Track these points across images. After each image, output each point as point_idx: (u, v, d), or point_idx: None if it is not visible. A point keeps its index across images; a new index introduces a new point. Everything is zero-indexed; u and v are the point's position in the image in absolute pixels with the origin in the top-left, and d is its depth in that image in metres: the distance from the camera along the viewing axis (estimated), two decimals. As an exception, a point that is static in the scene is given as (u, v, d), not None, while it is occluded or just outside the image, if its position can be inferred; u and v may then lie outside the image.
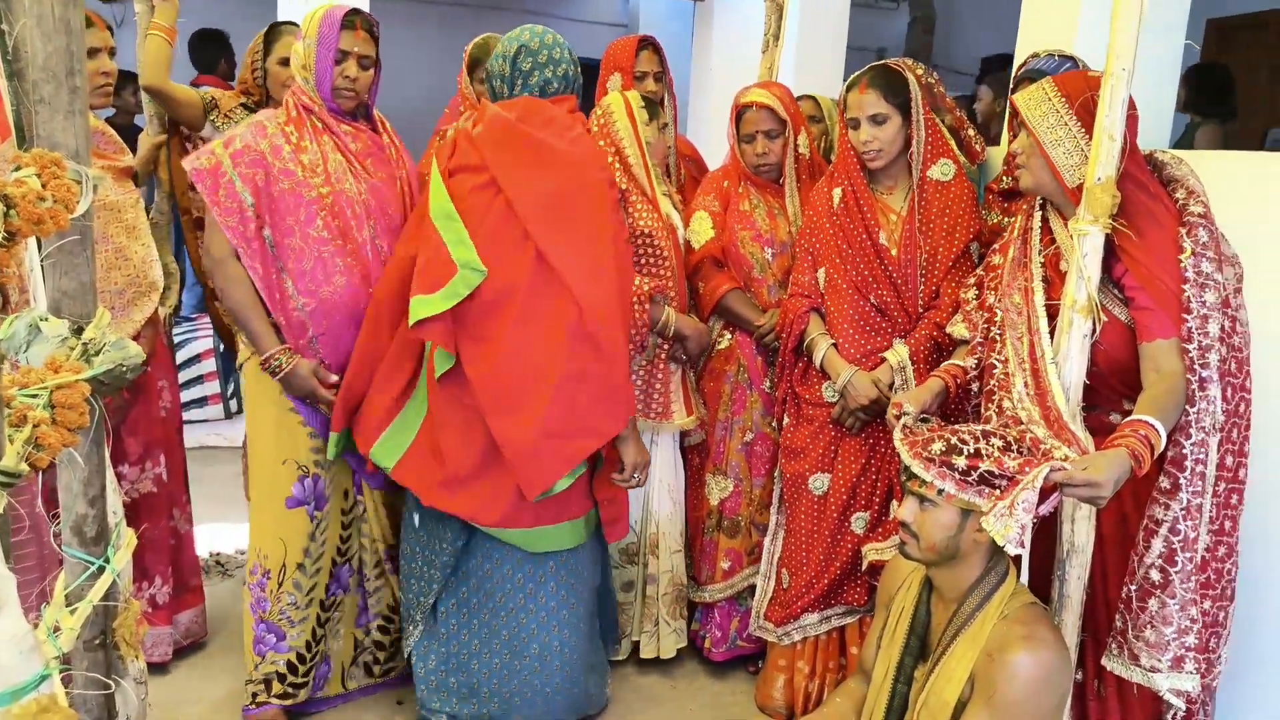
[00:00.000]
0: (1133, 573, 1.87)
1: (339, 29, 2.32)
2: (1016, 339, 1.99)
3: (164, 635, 2.74)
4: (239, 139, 2.31)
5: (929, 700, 1.81)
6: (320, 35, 2.31)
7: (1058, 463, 1.69)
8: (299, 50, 2.36)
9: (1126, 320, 1.90)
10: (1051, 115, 1.91)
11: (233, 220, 2.26)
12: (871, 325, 2.51)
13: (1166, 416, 1.76)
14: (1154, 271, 1.85)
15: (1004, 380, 1.99)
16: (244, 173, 2.27)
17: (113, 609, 1.41)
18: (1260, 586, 2.28)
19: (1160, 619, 1.83)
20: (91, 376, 1.27)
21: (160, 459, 2.70)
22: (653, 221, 2.69)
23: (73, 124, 1.24)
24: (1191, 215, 1.86)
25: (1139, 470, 1.68)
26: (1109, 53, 1.81)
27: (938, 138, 2.50)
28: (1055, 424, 1.84)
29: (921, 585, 1.93)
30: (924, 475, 1.76)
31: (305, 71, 2.35)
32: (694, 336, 2.74)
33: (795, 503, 2.65)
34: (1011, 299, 2.04)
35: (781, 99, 2.73)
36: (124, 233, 2.49)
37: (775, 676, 2.72)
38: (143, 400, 2.65)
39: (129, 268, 2.49)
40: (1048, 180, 1.95)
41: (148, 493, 2.68)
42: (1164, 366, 1.82)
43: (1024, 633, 1.73)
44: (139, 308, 2.52)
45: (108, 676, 1.40)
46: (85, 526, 1.36)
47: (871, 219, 2.49)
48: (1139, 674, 1.86)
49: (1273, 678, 2.35)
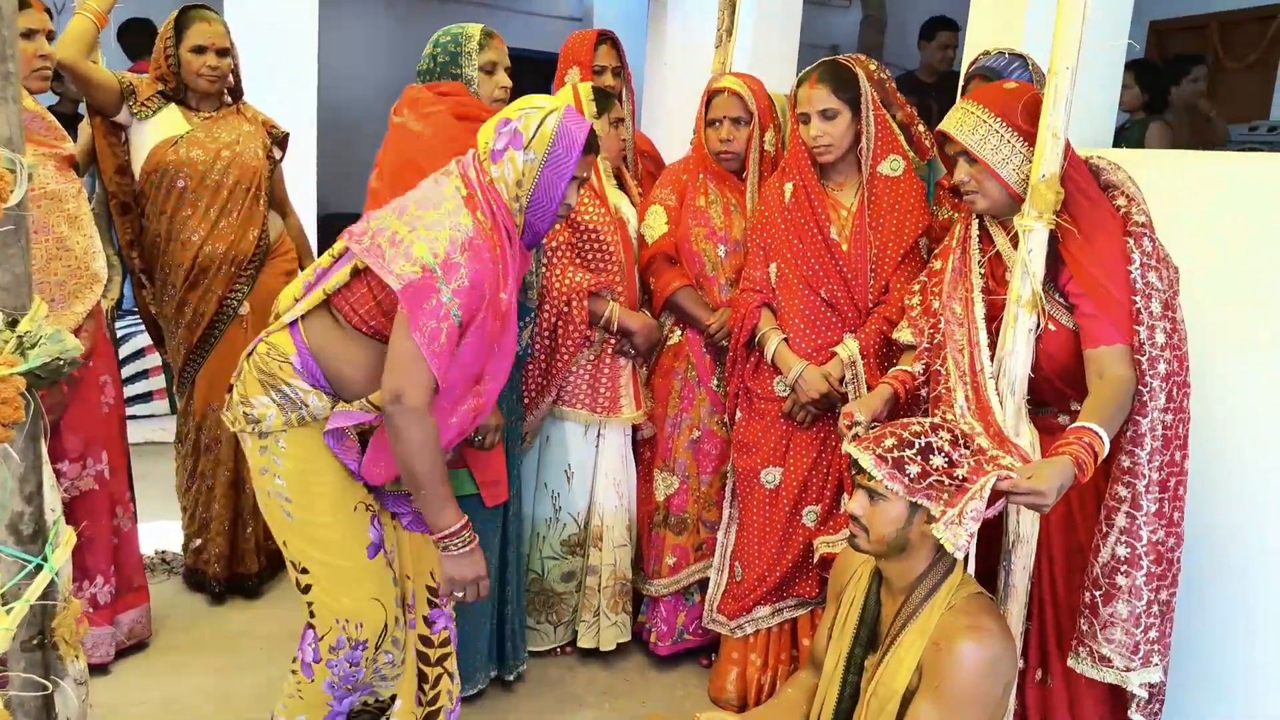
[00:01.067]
0: (1095, 578, 1.91)
1: (580, 152, 1.97)
2: (957, 351, 2.03)
3: (105, 636, 2.68)
4: (465, 275, 1.86)
5: (878, 690, 1.83)
6: (552, 156, 1.95)
7: (1004, 472, 1.73)
8: (515, 162, 1.95)
9: (1071, 326, 1.94)
10: (992, 136, 1.93)
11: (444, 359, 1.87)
12: (822, 320, 2.53)
13: (1111, 423, 1.80)
14: (1098, 279, 1.88)
15: (943, 395, 2.03)
16: (464, 306, 1.89)
17: (51, 608, 1.38)
18: (1205, 575, 2.34)
19: (1131, 620, 1.89)
20: (27, 370, 1.24)
21: (102, 456, 2.64)
22: (599, 216, 2.69)
23: (4, 111, 1.21)
24: (1135, 225, 1.90)
25: (1082, 477, 1.72)
26: (1053, 52, 1.84)
27: (887, 133, 2.53)
28: (997, 438, 1.89)
29: (871, 577, 1.96)
30: (875, 473, 1.78)
31: (520, 189, 1.97)
32: (640, 332, 2.74)
33: (747, 496, 2.66)
34: (952, 309, 2.07)
35: (754, 90, 2.75)
36: (65, 222, 2.42)
37: (728, 669, 2.74)
38: (83, 395, 2.58)
39: (70, 259, 2.42)
40: (1003, 198, 1.97)
41: (89, 490, 2.61)
42: (1107, 372, 1.86)
43: (969, 623, 1.76)
44: (80, 300, 2.44)
45: (46, 677, 1.37)
46: (21, 524, 1.33)
47: (822, 214, 2.51)
48: (1112, 675, 1.92)
49: (1218, 664, 2.42)
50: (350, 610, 2.00)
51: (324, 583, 2.01)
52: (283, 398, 1.95)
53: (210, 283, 2.94)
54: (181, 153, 2.87)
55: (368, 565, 2.02)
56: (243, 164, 2.94)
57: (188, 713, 2.54)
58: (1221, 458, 2.37)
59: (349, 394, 1.97)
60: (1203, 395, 2.07)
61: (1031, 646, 2.07)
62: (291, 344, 1.98)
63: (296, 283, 2.10)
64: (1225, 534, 2.39)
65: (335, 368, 1.97)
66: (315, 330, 1.99)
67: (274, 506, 2.01)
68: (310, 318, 1.99)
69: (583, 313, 2.65)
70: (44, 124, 2.45)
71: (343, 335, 1.98)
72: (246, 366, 2.02)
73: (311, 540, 2.00)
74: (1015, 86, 2.02)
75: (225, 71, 2.93)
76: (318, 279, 2.04)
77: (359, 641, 2.01)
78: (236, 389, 2.02)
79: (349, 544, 2.01)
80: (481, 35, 2.51)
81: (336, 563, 2.00)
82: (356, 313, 1.96)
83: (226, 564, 3.12)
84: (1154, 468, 1.87)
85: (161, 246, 2.93)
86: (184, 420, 3.10)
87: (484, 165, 1.98)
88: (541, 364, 2.72)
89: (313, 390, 1.96)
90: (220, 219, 2.92)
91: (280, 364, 1.96)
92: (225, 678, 2.71)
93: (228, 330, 3.00)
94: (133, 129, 2.91)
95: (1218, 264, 2.32)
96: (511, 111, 1.99)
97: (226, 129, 2.97)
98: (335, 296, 1.98)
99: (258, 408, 1.96)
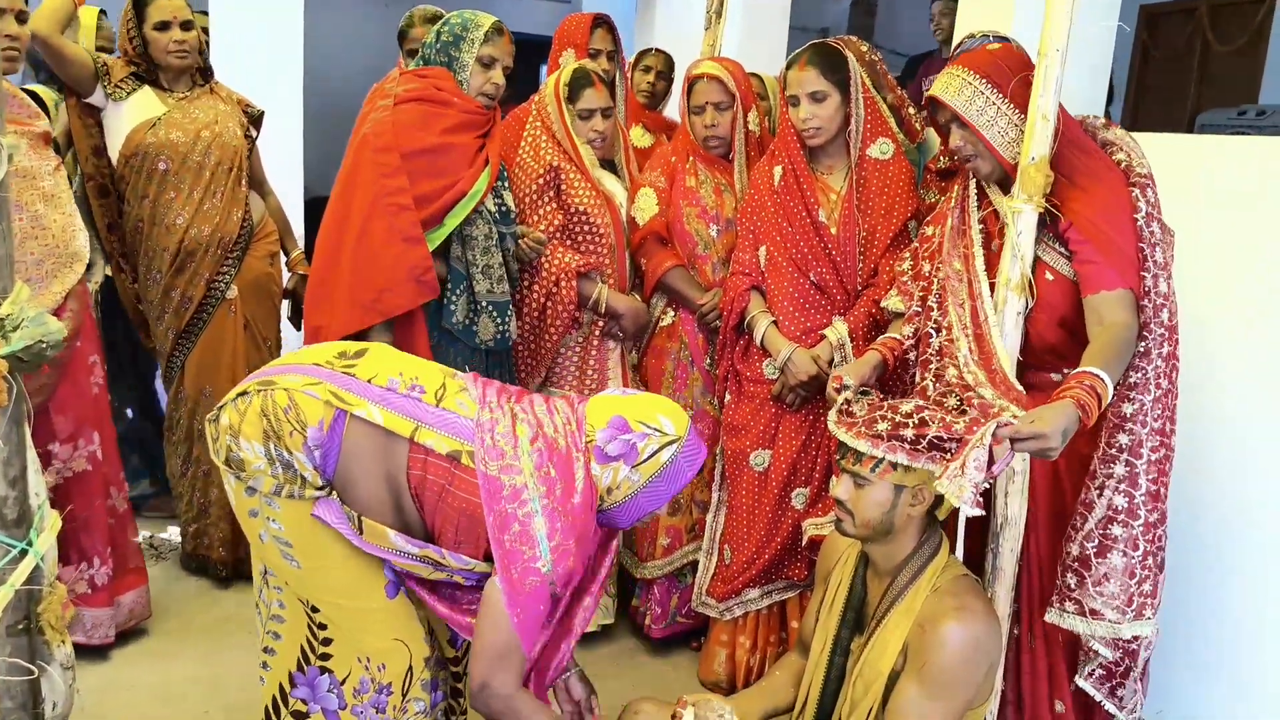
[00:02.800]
0: (1088, 531, 1.89)
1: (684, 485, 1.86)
2: (958, 305, 2.01)
3: (105, 617, 2.65)
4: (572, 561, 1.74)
5: (864, 671, 1.84)
6: (654, 485, 1.80)
7: (1005, 418, 1.69)
8: (618, 474, 1.78)
9: (1070, 275, 1.92)
10: (979, 99, 1.93)
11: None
12: (811, 303, 2.53)
13: (1112, 368, 1.76)
14: (1099, 225, 1.86)
15: (946, 347, 2.00)
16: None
17: (37, 593, 1.37)
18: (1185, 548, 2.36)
19: (1125, 572, 1.87)
20: (9, 353, 1.23)
21: (94, 436, 2.61)
22: (588, 198, 2.69)
23: (-20, 91, 1.19)
24: (1139, 176, 1.89)
25: (1087, 421, 1.68)
26: (1043, 33, 1.84)
27: (877, 116, 2.52)
28: (1002, 385, 1.85)
29: (858, 560, 1.96)
30: (874, 452, 1.76)
31: (609, 498, 1.82)
32: (628, 314, 2.74)
33: (736, 479, 2.67)
34: (952, 265, 2.06)
35: (733, 73, 2.73)
36: (40, 200, 2.38)
37: (717, 651, 2.75)
38: (73, 376, 2.56)
39: (47, 237, 2.38)
40: (995, 163, 1.97)
41: (82, 471, 2.58)
42: (1108, 318, 1.83)
43: (954, 604, 1.76)
44: (59, 279, 2.40)
45: (32, 662, 1.37)
46: (5, 509, 1.32)
47: (811, 197, 2.50)
48: (1103, 627, 1.89)
49: (1207, 639, 2.44)
50: (374, 649, 1.82)
51: (343, 624, 1.82)
52: (278, 457, 1.72)
53: (197, 266, 2.92)
54: (161, 135, 2.84)
55: (388, 606, 1.83)
56: (223, 144, 2.92)
57: (177, 698, 2.54)
58: (1191, 439, 2.39)
59: (348, 500, 1.76)
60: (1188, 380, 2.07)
61: (1024, 615, 2.07)
62: (319, 422, 1.72)
63: (385, 360, 1.84)
64: (1213, 510, 2.41)
65: (353, 477, 1.75)
66: (363, 441, 1.74)
67: (272, 551, 1.79)
68: (368, 425, 1.74)
69: (571, 292, 2.64)
70: (16, 102, 2.42)
71: (386, 476, 1.76)
72: (252, 402, 1.74)
73: (323, 587, 1.81)
74: (998, 47, 2.02)
75: (193, 45, 2.89)
76: (413, 402, 1.76)
77: (384, 685, 1.82)
78: (229, 414, 1.75)
79: (366, 585, 1.81)
80: (491, 28, 2.48)
81: (356, 605, 1.81)
82: (427, 488, 1.75)
83: (231, 548, 3.11)
84: (1154, 416, 1.85)
85: (145, 231, 2.90)
86: (175, 406, 3.09)
87: (589, 453, 1.78)
88: (530, 345, 2.72)
89: (312, 470, 1.74)
90: (204, 201, 2.90)
91: (292, 431, 1.71)
92: (214, 663, 2.70)
93: (215, 313, 2.99)
94: (108, 111, 2.89)
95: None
96: (635, 422, 1.78)
97: (203, 109, 2.94)
98: (419, 450, 1.74)
99: (246, 452, 1.72)
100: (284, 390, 1.74)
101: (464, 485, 1.73)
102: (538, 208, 2.67)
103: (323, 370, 1.78)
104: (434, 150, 2.41)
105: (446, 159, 2.43)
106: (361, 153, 2.40)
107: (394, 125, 2.38)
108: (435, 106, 2.43)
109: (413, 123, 2.40)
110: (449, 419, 1.75)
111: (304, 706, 1.86)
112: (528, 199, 2.67)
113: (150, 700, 2.53)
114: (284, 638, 1.87)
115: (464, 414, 1.77)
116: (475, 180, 2.46)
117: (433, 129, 2.42)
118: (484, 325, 2.52)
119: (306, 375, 1.77)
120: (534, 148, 2.72)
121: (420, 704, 1.87)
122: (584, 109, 2.70)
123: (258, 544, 1.81)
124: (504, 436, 1.74)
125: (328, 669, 1.83)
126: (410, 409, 1.75)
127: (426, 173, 2.40)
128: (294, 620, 1.85)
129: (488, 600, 1.71)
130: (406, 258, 2.34)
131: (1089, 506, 1.90)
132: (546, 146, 2.70)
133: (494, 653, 1.70)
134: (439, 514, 1.75)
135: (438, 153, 2.42)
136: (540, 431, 1.77)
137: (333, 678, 1.83)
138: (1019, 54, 2.01)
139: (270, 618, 1.88)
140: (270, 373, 1.81)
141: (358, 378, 1.77)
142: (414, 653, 1.84)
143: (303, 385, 1.74)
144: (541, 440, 1.75)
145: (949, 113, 1.98)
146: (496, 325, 2.54)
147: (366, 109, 2.51)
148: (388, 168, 2.35)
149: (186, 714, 2.48)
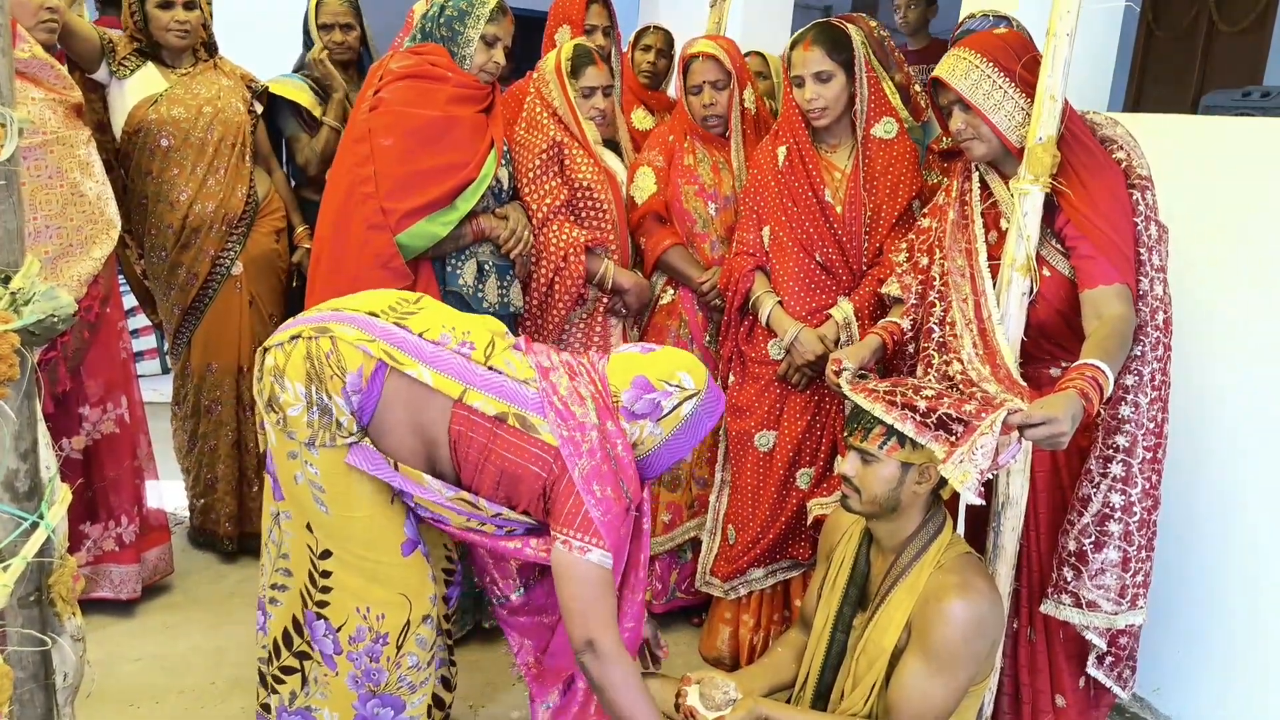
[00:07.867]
0: (1084, 527, 1.93)
1: (704, 436, 1.99)
2: (961, 300, 2.02)
3: (132, 573, 2.78)
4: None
5: (867, 647, 1.86)
6: (676, 437, 1.92)
7: (1015, 405, 1.70)
8: (643, 430, 1.88)
9: (1067, 272, 1.94)
10: (985, 82, 1.93)
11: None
12: (817, 283, 2.53)
13: (1112, 360, 1.77)
14: (1095, 221, 1.87)
15: (949, 342, 2.02)
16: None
17: (48, 565, 1.38)
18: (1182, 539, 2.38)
19: (1121, 565, 1.92)
20: (20, 327, 1.23)
21: (122, 400, 2.69)
22: (592, 173, 2.68)
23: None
24: (1139, 178, 1.91)
25: (1090, 409, 1.69)
26: (1051, 15, 1.83)
27: (880, 96, 2.51)
28: (1005, 380, 1.87)
29: (861, 537, 1.97)
30: (886, 418, 1.77)
31: (635, 451, 1.92)
32: (633, 290, 2.75)
33: (741, 460, 2.68)
34: (954, 261, 2.06)
35: (728, 51, 2.72)
36: (78, 168, 2.41)
37: (720, 629, 2.77)
38: (104, 340, 2.61)
39: (85, 204, 2.42)
40: (997, 145, 1.97)
41: (110, 434, 2.67)
42: (1105, 312, 1.85)
43: (958, 581, 1.78)
44: (99, 245, 2.45)
45: (44, 633, 1.38)
46: (17, 481, 1.33)
47: (816, 177, 2.50)
48: (1099, 618, 1.94)
49: (1206, 623, 2.46)
50: (377, 599, 1.88)
51: (354, 572, 1.87)
52: (317, 401, 1.78)
53: (202, 243, 2.93)
54: (163, 111, 2.84)
55: (402, 562, 1.90)
56: (226, 120, 2.91)
57: (183, 669, 2.57)
58: (1187, 417, 2.40)
59: (381, 447, 1.82)
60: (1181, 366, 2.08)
61: (1022, 605, 2.10)
62: (359, 369, 1.77)
63: (438, 314, 1.92)
64: (1204, 500, 2.42)
65: (388, 425, 1.81)
66: (403, 392, 1.80)
67: (305, 493, 1.84)
68: (410, 378, 1.79)
69: (579, 267, 2.64)
70: (53, 72, 2.42)
71: (422, 427, 1.81)
72: (299, 346, 1.80)
73: (345, 535, 1.86)
74: (1004, 32, 2.01)
75: (195, 25, 2.87)
76: (462, 361, 1.82)
77: (380, 635, 1.89)
78: (276, 355, 1.81)
79: (385, 540, 1.88)
80: (495, 7, 2.48)
81: (372, 556, 1.87)
82: (470, 445, 1.81)
83: (236, 523, 3.15)
84: (1149, 416, 1.88)
85: (149, 207, 2.90)
86: (181, 382, 3.10)
87: (617, 412, 1.85)
88: (537, 320, 2.72)
89: (349, 415, 1.79)
90: (208, 177, 2.89)
91: (333, 375, 1.77)
92: (220, 635, 2.73)
93: (221, 290, 3.00)
94: (111, 88, 2.88)
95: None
96: (657, 380, 1.86)
97: (205, 85, 2.93)
98: (463, 408, 1.79)
99: (288, 393, 1.78)
100: (329, 337, 1.79)
101: (507, 445, 1.80)
102: (541, 183, 2.67)
103: (377, 325, 1.82)
104: (437, 124, 2.41)
105: (450, 135, 2.43)
106: (344, 141, 2.48)
107: (391, 105, 2.39)
108: (430, 82, 2.43)
109: (410, 100, 2.40)
110: (496, 382, 1.81)
111: (308, 646, 1.95)
112: (530, 174, 2.67)
113: (157, 670, 2.56)
114: (295, 574, 1.94)
115: (510, 374, 1.83)
116: (484, 164, 2.47)
117: (435, 103, 2.42)
118: (490, 288, 2.56)
119: (361, 330, 1.81)
120: (535, 124, 2.71)
121: (414, 658, 1.94)
122: (585, 86, 2.69)
123: (291, 485, 1.86)
124: (570, 395, 1.81)
125: (323, 615, 1.90)
126: (459, 370, 1.80)
127: (429, 147, 2.39)
128: (299, 566, 1.92)
129: (560, 562, 1.77)
130: (371, 245, 2.36)
131: (1085, 503, 1.93)
132: (548, 123, 2.69)
133: (585, 602, 1.76)
134: (481, 470, 1.82)
135: (441, 126, 2.41)
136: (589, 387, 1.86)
137: (328, 624, 1.90)
138: (1023, 38, 2.00)
139: (279, 556, 1.95)
140: (327, 317, 1.86)
141: (411, 330, 1.83)
142: (415, 609, 1.91)
143: (356, 340, 1.79)
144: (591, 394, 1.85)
145: (952, 95, 1.98)
146: (499, 291, 2.58)
147: (366, 87, 2.51)
148: (358, 157, 2.38)
149: (192, 684, 2.51)
